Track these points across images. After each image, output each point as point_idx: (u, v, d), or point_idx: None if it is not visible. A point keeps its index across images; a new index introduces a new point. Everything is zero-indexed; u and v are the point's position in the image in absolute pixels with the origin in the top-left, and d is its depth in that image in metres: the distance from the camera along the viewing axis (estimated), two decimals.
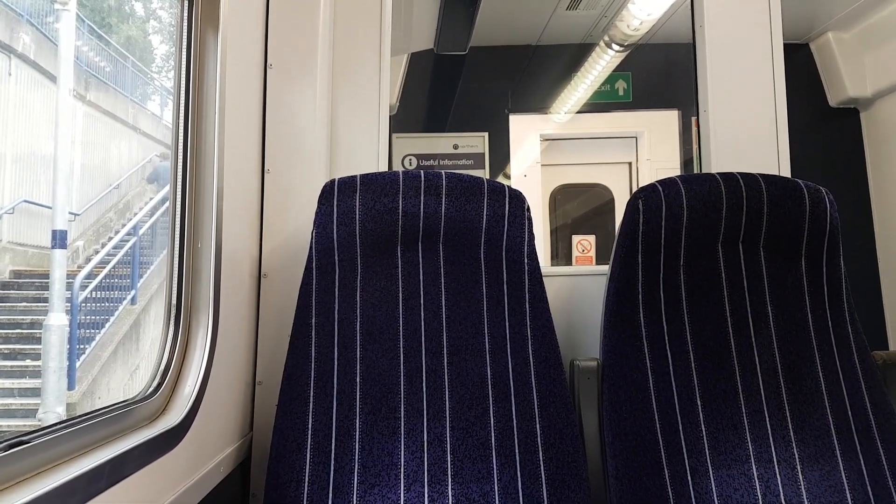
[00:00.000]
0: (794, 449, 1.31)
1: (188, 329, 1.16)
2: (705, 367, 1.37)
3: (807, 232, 1.42)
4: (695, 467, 1.29)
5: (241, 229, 1.39)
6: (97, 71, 11.24)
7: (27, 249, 8.63)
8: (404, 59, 3.13)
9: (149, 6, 19.21)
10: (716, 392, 1.35)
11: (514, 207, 1.38)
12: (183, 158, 1.19)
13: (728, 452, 1.31)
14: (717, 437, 1.32)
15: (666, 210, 1.38)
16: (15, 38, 8.54)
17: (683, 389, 1.35)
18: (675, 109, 4.08)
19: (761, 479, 1.29)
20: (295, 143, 1.57)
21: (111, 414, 0.93)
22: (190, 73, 1.20)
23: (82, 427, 0.85)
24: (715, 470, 1.29)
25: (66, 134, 7.11)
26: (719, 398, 1.35)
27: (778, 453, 1.31)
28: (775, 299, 1.42)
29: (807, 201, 1.41)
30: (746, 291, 1.42)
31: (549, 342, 1.34)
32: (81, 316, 6.91)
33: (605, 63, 3.76)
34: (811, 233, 1.42)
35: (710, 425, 1.33)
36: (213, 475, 1.19)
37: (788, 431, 1.33)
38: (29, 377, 6.62)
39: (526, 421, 1.29)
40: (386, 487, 1.23)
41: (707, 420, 1.33)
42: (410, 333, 1.35)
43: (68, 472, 0.74)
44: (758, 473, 1.29)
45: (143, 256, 8.48)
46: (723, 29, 1.78)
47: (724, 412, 1.34)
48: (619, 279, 1.39)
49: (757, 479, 1.29)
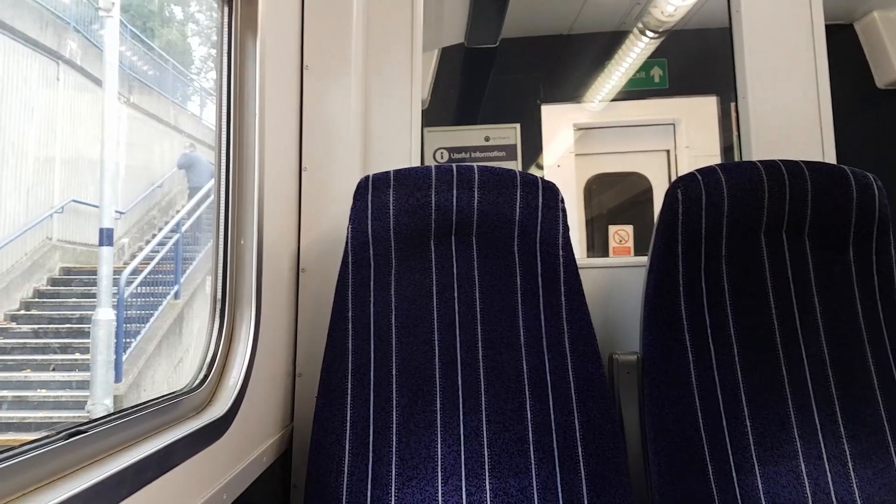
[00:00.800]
0: (845, 445, 1.27)
1: (232, 322, 1.20)
2: (749, 360, 1.34)
3: (854, 220, 1.37)
4: (740, 464, 1.26)
5: (280, 226, 1.43)
6: (139, 74, 11.51)
7: (76, 247, 8.91)
8: (435, 53, 3.15)
9: (187, 10, 19.56)
10: (761, 386, 1.32)
11: (547, 199, 1.38)
12: (226, 159, 1.23)
13: (775, 449, 1.27)
14: (762, 432, 1.29)
15: (706, 200, 1.36)
16: (63, 44, 8.80)
17: (727, 383, 1.32)
18: (713, 95, 4.00)
19: (810, 477, 1.25)
20: (330, 140, 1.60)
21: (160, 405, 0.96)
22: (231, 76, 1.24)
23: (134, 418, 0.88)
24: (761, 467, 1.26)
25: (112, 136, 7.31)
26: (765, 392, 1.31)
27: (828, 450, 1.27)
28: (822, 290, 1.38)
29: (853, 188, 1.37)
30: (791, 282, 1.38)
31: (587, 335, 1.33)
32: (127, 311, 7.12)
33: (639, 50, 3.71)
34: (859, 221, 1.37)
35: (756, 420, 1.29)
36: (257, 465, 1.23)
37: (839, 427, 1.29)
38: (78, 370, 6.84)
39: (564, 415, 1.28)
40: (423, 480, 1.25)
41: (752, 415, 1.30)
42: (445, 326, 1.35)
43: (121, 461, 0.78)
44: (806, 471, 1.26)
45: (186, 253, 8.67)
46: (760, 11, 1.74)
47: (770, 407, 1.30)
48: (658, 271, 1.38)
49: (806, 476, 1.25)
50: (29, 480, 0.67)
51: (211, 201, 10.02)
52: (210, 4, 19.66)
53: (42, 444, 0.71)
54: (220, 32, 1.27)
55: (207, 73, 19.08)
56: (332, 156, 1.59)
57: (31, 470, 0.68)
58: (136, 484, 0.79)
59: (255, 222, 1.23)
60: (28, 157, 8.15)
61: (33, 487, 0.68)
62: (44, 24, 8.38)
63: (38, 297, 8.01)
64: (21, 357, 6.96)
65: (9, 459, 0.66)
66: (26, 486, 0.67)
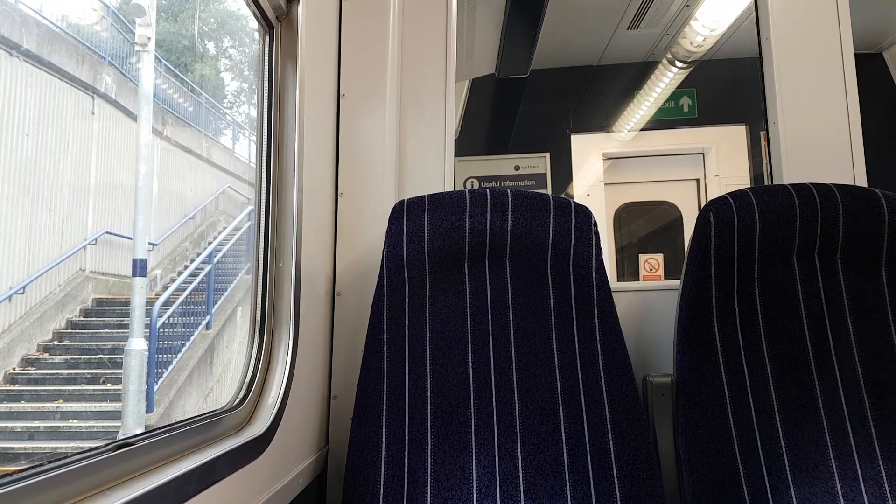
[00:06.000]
0: (881, 466, 1.26)
1: (271, 343, 1.22)
2: (783, 381, 1.34)
3: (886, 242, 1.37)
4: (775, 485, 1.26)
5: (317, 250, 1.45)
6: (173, 107, 11.82)
7: (108, 278, 9.08)
8: (465, 84, 3.20)
9: (220, 45, 20.14)
10: (795, 407, 1.32)
11: (580, 222, 1.39)
12: (266, 184, 1.26)
13: (810, 469, 1.27)
14: (797, 453, 1.28)
15: (738, 222, 1.36)
16: (98, 78, 9.09)
17: (761, 405, 1.32)
18: (742, 124, 4.00)
19: (846, 497, 1.24)
20: (366, 167, 1.63)
21: (202, 422, 0.98)
22: (272, 103, 1.28)
23: (177, 433, 0.90)
24: (797, 487, 1.25)
25: (146, 168, 7.49)
26: (799, 413, 1.31)
27: (864, 471, 1.26)
28: (855, 312, 1.38)
29: (885, 211, 1.37)
30: (824, 304, 1.38)
31: (621, 357, 1.33)
32: (159, 342, 7.21)
33: (668, 80, 3.74)
34: (891, 244, 1.37)
35: (791, 441, 1.29)
36: (293, 486, 1.23)
37: (874, 448, 1.28)
38: (109, 401, 6.92)
39: (599, 437, 1.28)
40: (459, 501, 1.25)
41: (787, 436, 1.29)
42: (479, 348, 1.36)
43: (166, 475, 0.79)
44: (842, 491, 1.25)
45: (218, 284, 8.79)
46: (790, 40, 1.76)
47: (805, 427, 1.30)
48: (691, 293, 1.38)
49: (842, 497, 1.24)
50: (82, 488, 0.69)
51: (242, 233, 10.19)
52: (242, 40, 20.24)
53: (93, 455, 0.73)
54: (261, 61, 1.32)
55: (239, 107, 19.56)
56: (367, 182, 1.63)
57: (83, 478, 0.70)
58: (179, 497, 0.81)
59: (293, 246, 1.26)
60: (63, 188, 8.37)
61: (84, 496, 0.69)
62: (80, 59, 8.66)
63: (71, 328, 8.15)
64: (53, 388, 7.06)
65: (63, 467, 0.67)
66: (79, 493, 0.68)
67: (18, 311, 7.45)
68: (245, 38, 20.05)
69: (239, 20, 20.13)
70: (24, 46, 7.52)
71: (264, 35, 1.31)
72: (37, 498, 0.63)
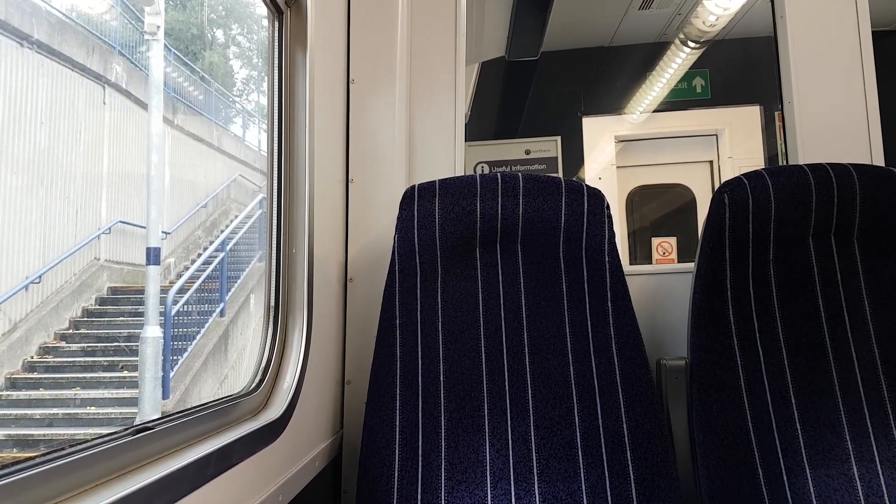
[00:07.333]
0: None
1: (285, 329, 1.23)
2: (799, 363, 1.33)
3: None
4: (791, 467, 1.26)
5: (328, 236, 1.46)
6: (183, 96, 11.84)
7: (122, 267, 9.16)
8: (475, 68, 3.18)
9: (229, 33, 20.13)
10: (811, 389, 1.31)
11: (592, 206, 1.38)
12: (278, 172, 1.27)
13: (826, 451, 1.26)
14: (813, 435, 1.27)
15: (753, 203, 1.35)
16: (108, 68, 9.11)
17: (776, 386, 1.31)
18: (756, 105, 3.95)
19: (863, 479, 1.24)
20: (376, 153, 1.63)
21: (219, 407, 0.99)
22: (282, 91, 1.28)
23: (195, 418, 0.91)
24: (812, 469, 1.25)
25: (157, 157, 7.52)
26: (814, 395, 1.30)
27: (880, 452, 1.26)
28: (871, 292, 1.36)
29: None
30: (840, 285, 1.37)
31: (634, 341, 1.33)
32: (174, 329, 7.28)
33: (680, 61, 3.70)
34: None
35: (806, 423, 1.28)
36: (309, 469, 1.25)
37: (891, 430, 1.27)
38: (126, 388, 7.00)
39: (612, 420, 1.28)
40: (473, 484, 1.25)
41: (802, 418, 1.29)
42: (491, 333, 1.36)
43: (184, 458, 0.80)
44: (858, 473, 1.24)
45: (231, 272, 8.84)
46: (806, 18, 1.73)
47: (821, 409, 1.29)
48: (705, 276, 1.37)
49: (858, 478, 1.24)
50: (102, 472, 0.70)
51: (254, 221, 10.23)
52: (251, 27, 20.21)
53: (112, 439, 0.74)
54: (270, 47, 1.31)
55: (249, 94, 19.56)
56: (377, 168, 1.62)
57: (103, 462, 0.71)
58: (198, 480, 0.82)
59: (305, 233, 1.26)
60: (76, 178, 8.43)
61: (106, 479, 0.70)
62: (90, 49, 8.68)
63: (87, 317, 8.24)
64: (71, 375, 7.16)
65: (84, 451, 0.69)
66: (100, 476, 0.70)
67: (35, 300, 7.54)
68: (253, 26, 20.01)
69: (247, 7, 20.10)
70: (35, 37, 7.54)
71: (273, 21, 1.30)
72: (59, 481, 0.64)
